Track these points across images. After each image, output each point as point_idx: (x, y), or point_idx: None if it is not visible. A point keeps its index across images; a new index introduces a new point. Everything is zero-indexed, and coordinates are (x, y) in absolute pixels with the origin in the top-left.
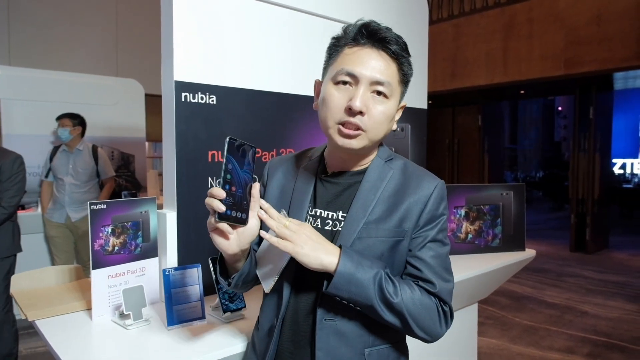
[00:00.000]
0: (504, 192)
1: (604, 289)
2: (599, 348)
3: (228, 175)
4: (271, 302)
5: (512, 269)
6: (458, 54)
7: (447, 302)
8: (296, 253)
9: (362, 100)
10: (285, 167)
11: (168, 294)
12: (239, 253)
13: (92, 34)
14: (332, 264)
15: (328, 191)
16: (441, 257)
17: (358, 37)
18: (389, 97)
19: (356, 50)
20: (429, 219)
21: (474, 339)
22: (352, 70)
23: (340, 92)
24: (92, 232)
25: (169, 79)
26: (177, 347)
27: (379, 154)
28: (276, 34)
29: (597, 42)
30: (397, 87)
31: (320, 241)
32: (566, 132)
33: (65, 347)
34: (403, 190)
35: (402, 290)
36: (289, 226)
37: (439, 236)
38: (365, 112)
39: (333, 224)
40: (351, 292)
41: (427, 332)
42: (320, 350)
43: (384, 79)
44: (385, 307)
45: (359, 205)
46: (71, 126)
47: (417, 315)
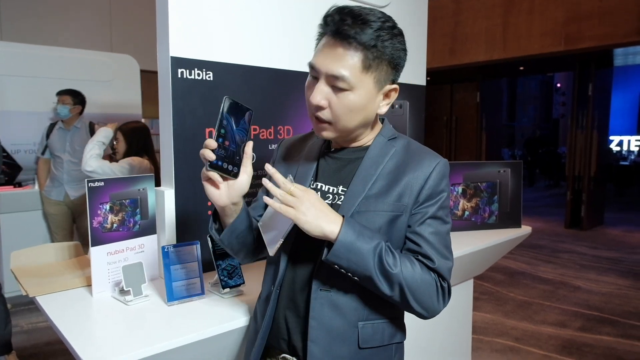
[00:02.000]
0: (501, 170)
1: (597, 264)
2: (590, 322)
3: (222, 129)
4: (270, 271)
5: (507, 245)
6: (457, 29)
7: (445, 279)
8: (298, 219)
9: (320, 95)
10: (294, 145)
11: (167, 271)
12: (230, 206)
13: (85, 8)
14: (334, 232)
15: (330, 166)
16: (441, 234)
17: (328, 23)
18: (352, 89)
19: (324, 39)
20: (429, 195)
21: (469, 314)
22: (314, 64)
23: (310, 87)
24: (90, 209)
25: (165, 55)
26: (177, 322)
27: (382, 132)
28: (274, 9)
29: (598, 17)
30: (359, 77)
31: (323, 209)
32: (564, 109)
33: (66, 322)
34: (404, 167)
35: (402, 263)
36: (294, 192)
37: (439, 213)
38: (326, 106)
39: (333, 197)
40: (350, 260)
41: (424, 307)
42: (314, 319)
43: (339, 73)
44: (383, 278)
45: (359, 179)
46: (72, 104)
47: (415, 288)
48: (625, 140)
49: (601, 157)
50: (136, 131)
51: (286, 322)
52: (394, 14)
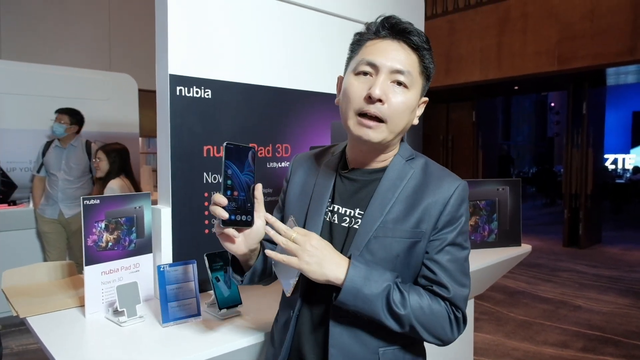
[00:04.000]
0: (500, 187)
1: (597, 283)
2: (592, 342)
3: (229, 181)
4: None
5: (508, 264)
6: (452, 49)
7: (459, 308)
8: (302, 269)
9: (381, 88)
10: (308, 163)
11: (163, 291)
12: (248, 253)
13: (85, 27)
14: (338, 279)
15: (346, 187)
16: (459, 261)
17: (379, 30)
18: (409, 88)
19: (377, 42)
20: (448, 221)
21: (470, 334)
22: (373, 60)
23: (361, 82)
24: (85, 227)
25: (164, 73)
26: (172, 344)
27: (400, 152)
28: (272, 28)
29: (591, 37)
30: (417, 78)
31: (326, 253)
32: (559, 128)
33: (57, 344)
34: (422, 190)
35: (411, 300)
36: (296, 239)
37: (458, 239)
38: (385, 101)
39: (350, 220)
40: (357, 307)
41: (437, 337)
42: (334, 347)
43: (404, 68)
44: (392, 319)
45: (377, 203)
46: (68, 124)
47: (426, 323)
48: (619, 158)
49: (597, 175)
50: (117, 152)
51: (306, 350)
52: None
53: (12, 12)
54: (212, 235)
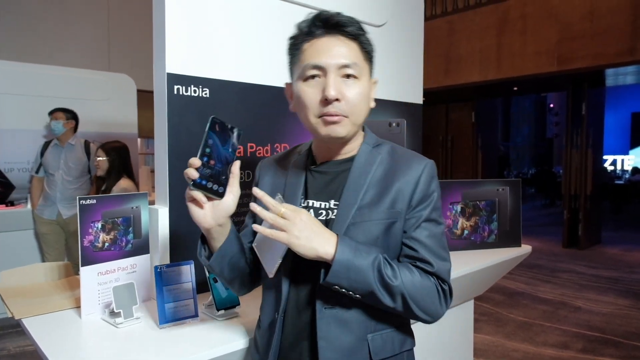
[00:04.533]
0: (500, 188)
1: (596, 284)
2: (592, 343)
3: (207, 149)
4: (270, 298)
5: (508, 264)
6: (452, 50)
7: (445, 281)
8: (291, 243)
9: (335, 88)
10: (275, 165)
11: (160, 292)
12: (216, 228)
13: (84, 28)
14: (328, 253)
15: (318, 181)
16: (436, 236)
17: (312, 29)
18: (359, 77)
19: (314, 42)
20: (421, 198)
21: (470, 335)
22: (317, 62)
23: (312, 87)
24: (81, 227)
25: (161, 71)
26: (169, 346)
27: (366, 140)
28: (270, 27)
29: (590, 37)
30: (364, 66)
31: (315, 229)
32: (558, 129)
33: (53, 346)
34: (393, 173)
35: (402, 273)
36: (285, 214)
37: (432, 215)
38: (342, 98)
39: (326, 213)
40: (350, 279)
41: (427, 312)
42: (322, 339)
43: (350, 61)
44: (385, 291)
45: (350, 191)
46: (64, 119)
47: (417, 297)
48: (619, 159)
49: (596, 176)
50: (117, 150)
51: (295, 348)
52: (391, 34)
53: (11, 13)
54: None
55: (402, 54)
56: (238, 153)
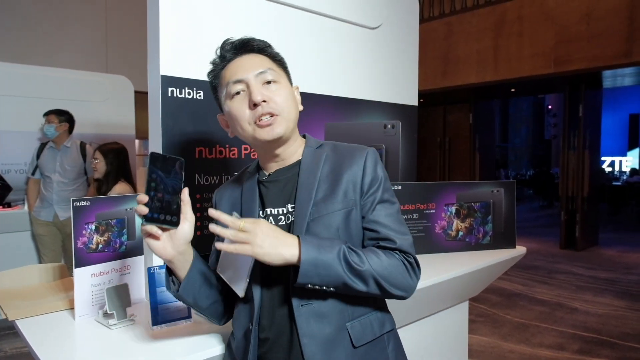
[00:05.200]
0: (494, 190)
1: (593, 285)
2: (589, 344)
3: (152, 183)
4: (243, 309)
5: (503, 266)
6: (449, 52)
7: (410, 253)
8: (256, 254)
9: (259, 93)
10: (230, 189)
11: (153, 293)
12: (178, 257)
13: (81, 29)
14: (294, 255)
15: (271, 190)
16: (393, 215)
17: (225, 55)
18: (278, 81)
19: (229, 65)
20: (370, 182)
21: (465, 337)
22: (238, 77)
23: (240, 101)
24: (75, 229)
25: (155, 74)
26: (162, 347)
27: (307, 143)
28: (264, 29)
29: (587, 40)
30: (279, 71)
31: (277, 235)
32: (556, 130)
33: (46, 347)
34: (339, 166)
35: (368, 257)
36: (244, 227)
37: (385, 196)
38: (268, 100)
39: (286, 217)
40: (321, 275)
41: (400, 288)
42: (305, 336)
43: (265, 68)
44: (356, 278)
45: (302, 190)
46: (57, 122)
47: (387, 275)
48: (616, 160)
49: (594, 177)
50: (115, 152)
51: (273, 350)
52: (385, 36)
53: (8, 14)
54: (203, 237)
55: (397, 55)
56: (232, 155)
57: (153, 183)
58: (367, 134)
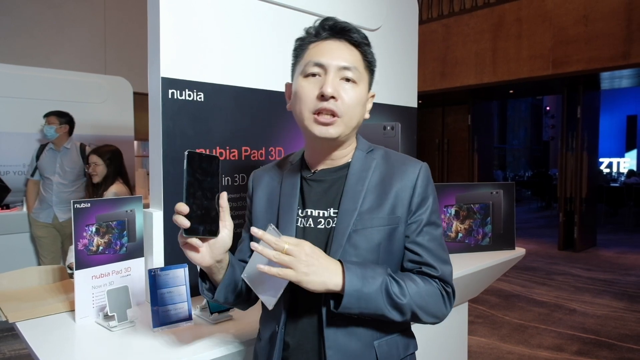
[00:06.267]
0: (493, 191)
1: (591, 286)
2: (587, 346)
3: (191, 189)
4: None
5: (502, 267)
6: (448, 53)
7: (448, 283)
8: (300, 281)
9: (332, 86)
10: (268, 175)
11: (154, 295)
12: (215, 265)
13: (80, 31)
14: (337, 285)
15: (314, 190)
16: (437, 239)
17: (320, 32)
18: (358, 82)
19: (320, 43)
20: (420, 202)
21: (464, 338)
22: (319, 60)
23: (311, 83)
24: (75, 231)
25: (156, 76)
26: (163, 349)
27: (359, 146)
28: (265, 31)
29: (585, 41)
30: (364, 73)
31: (321, 260)
32: (554, 132)
33: (46, 349)
34: (389, 178)
35: (408, 288)
36: (289, 250)
37: (432, 218)
38: (337, 97)
39: (326, 221)
40: (362, 307)
41: (434, 316)
42: (331, 348)
43: (350, 65)
44: (395, 311)
45: (348, 198)
46: (57, 124)
47: (425, 305)
48: (614, 162)
49: (592, 178)
50: (111, 153)
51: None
52: (385, 38)
53: (7, 16)
54: None
55: (396, 57)
56: (232, 157)
57: (192, 189)
58: (366, 135)
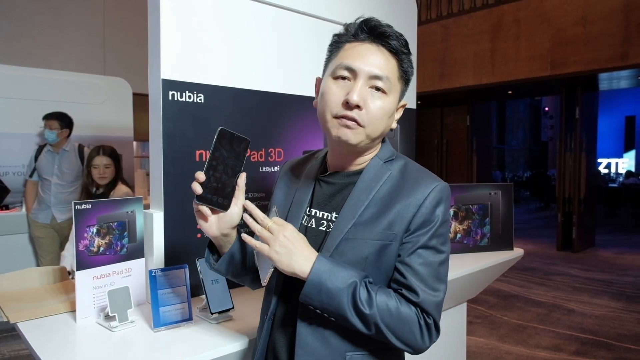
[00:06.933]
0: (492, 192)
1: (590, 287)
2: (585, 346)
3: (214, 161)
4: (266, 299)
5: (500, 268)
6: (447, 54)
7: (430, 314)
8: (271, 257)
9: (359, 94)
10: (294, 169)
11: (154, 295)
12: (221, 237)
13: (79, 31)
14: (304, 272)
15: (324, 191)
16: (432, 265)
17: (358, 32)
18: (388, 93)
19: (356, 45)
20: (421, 223)
21: (463, 338)
22: (351, 65)
23: (339, 87)
24: (76, 232)
25: (156, 77)
26: (164, 349)
27: (379, 153)
28: (265, 33)
29: (583, 43)
30: (396, 83)
31: (297, 245)
32: (553, 132)
33: (48, 350)
34: (397, 193)
35: (378, 300)
36: (271, 227)
37: (432, 242)
38: (363, 107)
39: (327, 224)
40: (322, 301)
41: (406, 344)
42: (300, 347)
43: (382, 74)
44: (357, 317)
45: (350, 206)
46: (59, 129)
47: (392, 326)
48: (612, 162)
49: (590, 179)
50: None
51: (278, 350)
52: None
53: (6, 16)
54: (205, 240)
55: None
56: None
57: (214, 162)
58: None
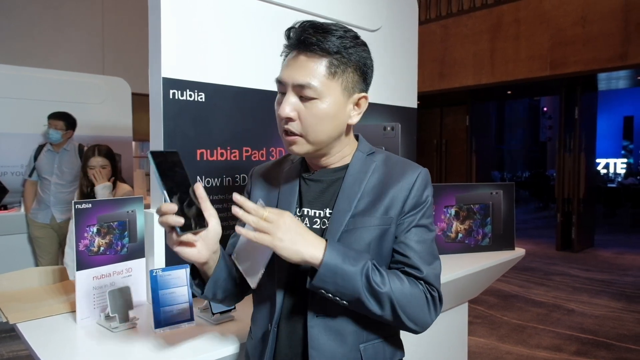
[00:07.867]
0: (493, 192)
1: (589, 287)
2: (585, 346)
3: (168, 186)
4: (263, 309)
5: (502, 268)
6: (446, 54)
7: (434, 287)
8: (275, 246)
9: (289, 107)
10: (268, 173)
11: (155, 296)
12: (212, 256)
13: (79, 31)
14: (315, 257)
15: (312, 189)
16: (426, 242)
17: (287, 42)
18: (320, 97)
19: (288, 56)
20: (414, 204)
21: (464, 338)
22: (279, 78)
23: (278, 103)
24: (76, 232)
25: (157, 76)
26: (165, 350)
27: (359, 148)
28: (265, 32)
29: (582, 43)
30: (328, 85)
31: (301, 232)
32: (552, 133)
33: (47, 350)
34: (387, 181)
35: (391, 280)
36: (267, 217)
37: (423, 221)
38: (295, 118)
39: (321, 222)
40: (338, 284)
41: (416, 322)
42: (314, 349)
43: (305, 82)
44: (372, 298)
45: (344, 199)
46: (64, 129)
47: (405, 304)
48: (611, 162)
49: (589, 179)
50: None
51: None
52: (385, 39)
53: (6, 17)
54: None
55: (396, 58)
56: (233, 157)
57: (169, 185)
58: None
